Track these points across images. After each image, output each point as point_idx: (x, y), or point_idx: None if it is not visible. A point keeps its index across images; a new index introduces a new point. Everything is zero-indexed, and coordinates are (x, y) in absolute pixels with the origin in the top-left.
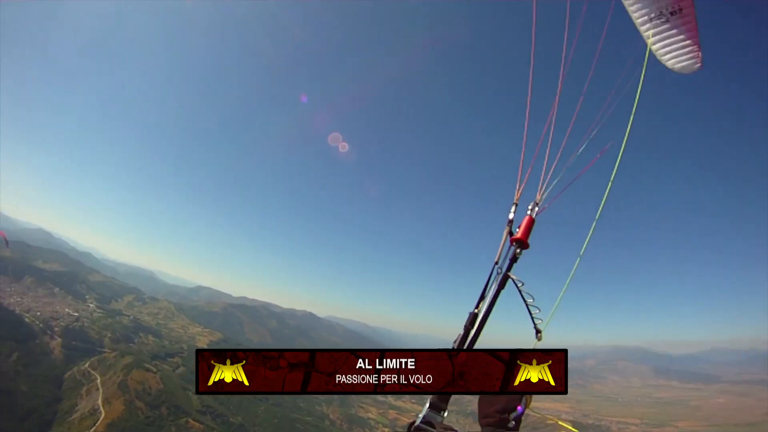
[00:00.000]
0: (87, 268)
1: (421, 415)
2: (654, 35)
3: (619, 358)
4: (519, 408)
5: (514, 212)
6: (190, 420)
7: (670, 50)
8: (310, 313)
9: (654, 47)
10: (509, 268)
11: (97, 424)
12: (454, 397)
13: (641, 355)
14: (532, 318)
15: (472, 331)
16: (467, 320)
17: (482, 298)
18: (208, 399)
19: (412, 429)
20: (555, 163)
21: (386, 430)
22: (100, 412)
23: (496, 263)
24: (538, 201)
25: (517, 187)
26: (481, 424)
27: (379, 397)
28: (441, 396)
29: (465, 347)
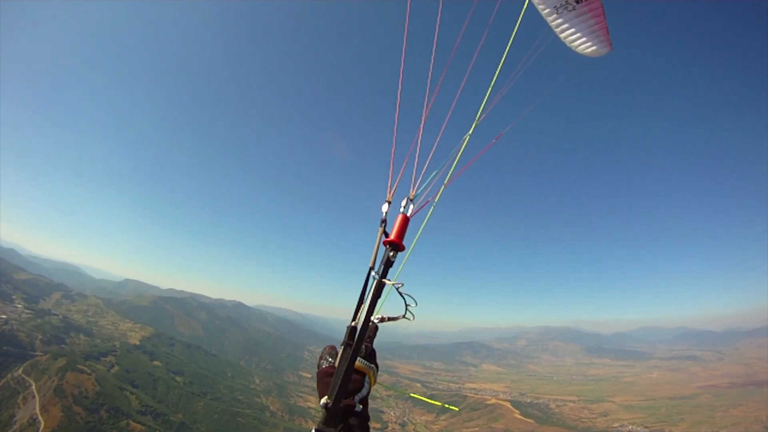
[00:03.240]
0: (12, 266)
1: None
2: (561, 24)
3: (550, 338)
4: (364, 388)
5: (387, 211)
6: (131, 422)
7: (579, 36)
8: (240, 303)
9: (563, 35)
10: (384, 273)
11: None
12: None
13: (572, 335)
14: (406, 314)
15: (349, 351)
16: (345, 335)
17: (359, 306)
18: (146, 398)
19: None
20: (430, 156)
21: None
22: (39, 421)
23: (372, 268)
24: (411, 197)
25: (389, 183)
26: (324, 407)
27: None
28: (327, 423)
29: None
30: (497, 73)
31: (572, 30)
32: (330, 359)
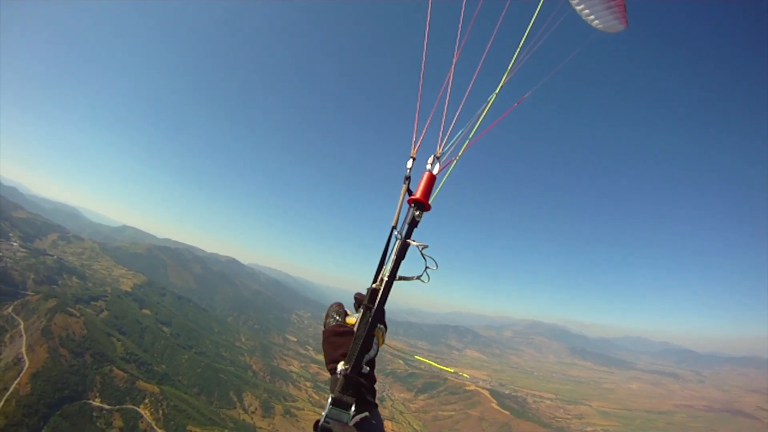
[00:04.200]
0: (12, 203)
1: (324, 414)
2: None
3: (536, 333)
4: (372, 350)
5: (411, 168)
6: (114, 368)
7: (595, 10)
8: (234, 259)
9: (579, 8)
10: (409, 234)
11: (21, 375)
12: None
13: (558, 332)
14: (422, 276)
15: (369, 315)
16: (366, 297)
17: (381, 267)
18: (132, 346)
19: (318, 429)
20: (458, 112)
21: (308, 384)
22: (24, 361)
23: (394, 227)
24: (438, 155)
25: (413, 139)
26: (330, 371)
27: (301, 350)
28: (346, 390)
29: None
30: (524, 37)
31: (588, 3)
32: (337, 317)
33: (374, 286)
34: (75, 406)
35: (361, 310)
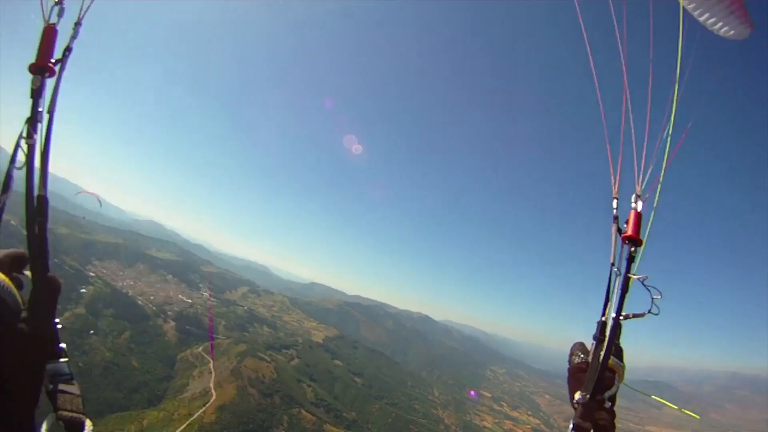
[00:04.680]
0: (200, 259)
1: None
2: (698, 6)
3: (737, 386)
4: (613, 386)
5: (617, 207)
6: (302, 411)
7: (716, 20)
8: (426, 316)
9: (702, 18)
10: (628, 269)
11: (207, 405)
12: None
13: (760, 384)
14: (651, 309)
15: (601, 347)
16: (597, 330)
17: (607, 303)
18: (323, 393)
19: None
20: (644, 150)
21: None
22: (212, 394)
23: (612, 264)
24: (639, 193)
25: (613, 180)
26: (573, 406)
27: (496, 406)
28: (584, 417)
29: (600, 360)
30: (679, 64)
31: (710, 12)
32: (582, 355)
33: (603, 319)
34: None
35: (594, 344)
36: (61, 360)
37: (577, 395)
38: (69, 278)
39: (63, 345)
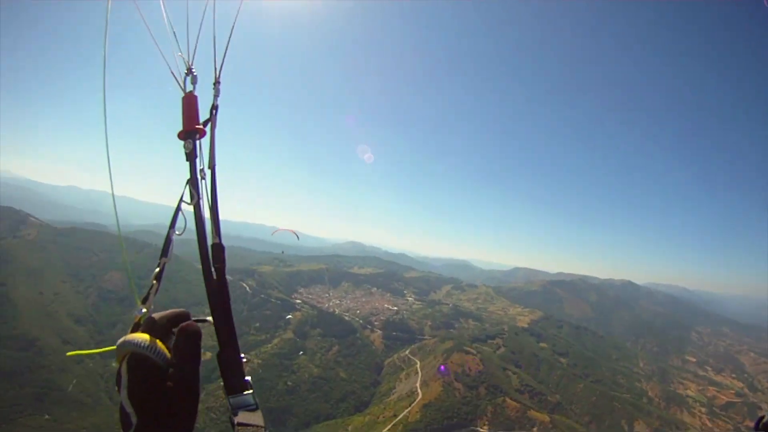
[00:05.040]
0: (403, 267)
1: None
2: None
3: None
4: None
5: None
6: (507, 399)
7: None
8: (629, 282)
9: None
10: None
11: (413, 405)
12: None
13: None
14: None
15: None
16: None
17: None
18: (527, 378)
19: (761, 424)
20: None
21: (702, 410)
22: (417, 394)
23: None
24: None
25: None
26: None
27: (700, 371)
28: None
29: None
30: None
31: None
32: None
33: None
34: None
35: None
36: (245, 393)
37: None
38: (276, 309)
39: (248, 378)
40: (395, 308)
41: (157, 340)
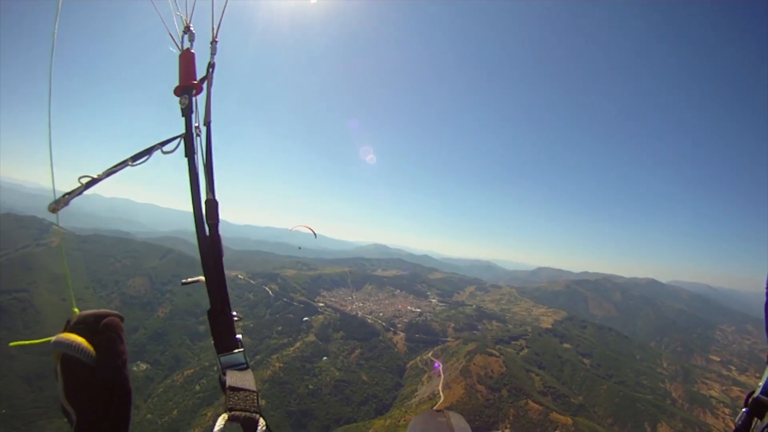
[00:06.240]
0: (426, 268)
1: (762, 384)
2: None
3: None
4: None
5: None
6: (529, 401)
7: None
8: (653, 280)
9: None
10: None
11: (434, 408)
12: None
13: None
14: None
15: None
16: None
17: None
18: (550, 380)
19: (750, 401)
20: None
21: (726, 411)
22: (439, 396)
23: None
24: None
25: None
26: None
27: (724, 371)
28: None
29: None
30: None
31: None
32: None
33: None
34: None
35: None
36: (236, 351)
37: None
38: (298, 313)
39: (239, 336)
40: (418, 310)
41: (82, 339)
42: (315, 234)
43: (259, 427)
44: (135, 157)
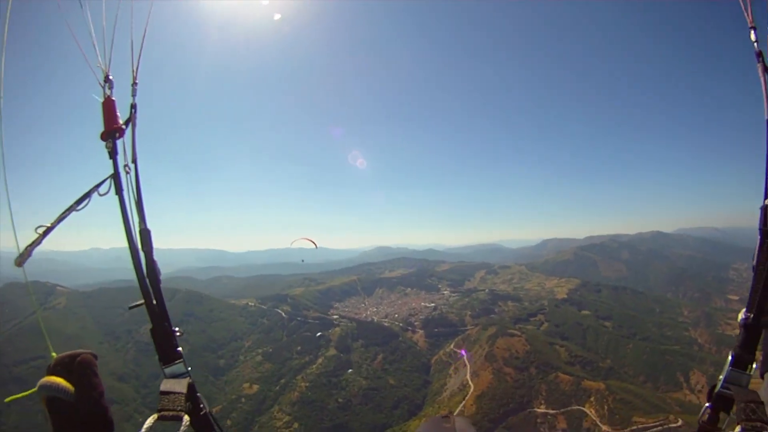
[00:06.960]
0: (432, 262)
1: (722, 377)
2: None
3: None
4: None
5: (757, 40)
6: (559, 374)
7: None
8: (658, 232)
9: None
10: None
11: (466, 398)
12: None
13: None
14: None
15: None
16: (761, 217)
17: None
18: (575, 349)
19: (713, 395)
20: None
21: None
22: (469, 386)
23: None
24: None
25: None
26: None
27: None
28: (745, 345)
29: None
30: None
31: None
32: None
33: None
34: (519, 417)
35: (758, 238)
36: (177, 362)
37: (740, 315)
38: (314, 329)
39: (179, 348)
40: (432, 304)
41: (61, 379)
42: (316, 245)
43: (182, 424)
44: (78, 201)
